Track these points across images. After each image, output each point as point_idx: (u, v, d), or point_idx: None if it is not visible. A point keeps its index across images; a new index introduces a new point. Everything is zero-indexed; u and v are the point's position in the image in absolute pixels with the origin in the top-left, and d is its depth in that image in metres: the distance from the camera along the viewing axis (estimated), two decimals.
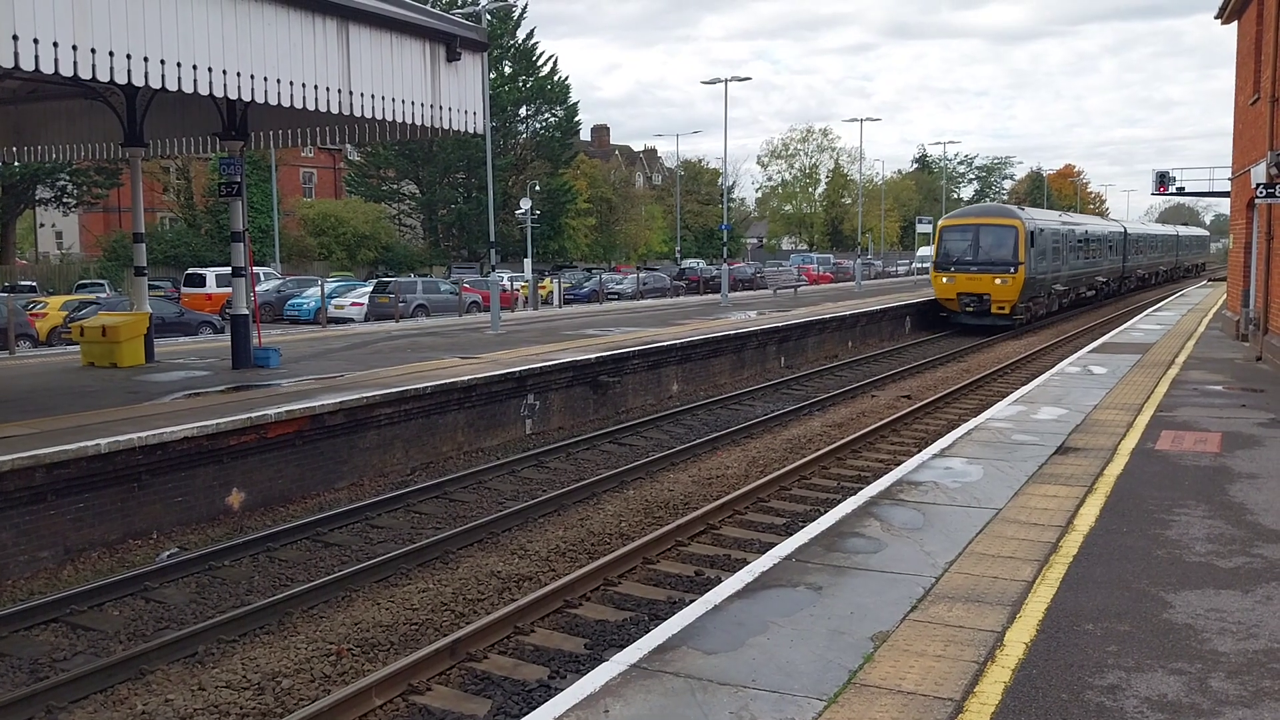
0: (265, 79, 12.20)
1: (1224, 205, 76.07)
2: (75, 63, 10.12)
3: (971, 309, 33.94)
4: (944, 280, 34.53)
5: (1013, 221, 33.88)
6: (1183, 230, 79.91)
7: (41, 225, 65.99)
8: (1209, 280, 66.64)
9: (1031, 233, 33.80)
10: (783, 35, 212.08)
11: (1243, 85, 24.78)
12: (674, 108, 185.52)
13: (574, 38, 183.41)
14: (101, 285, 40.86)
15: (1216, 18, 25.88)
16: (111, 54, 10.46)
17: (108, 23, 10.37)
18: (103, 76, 10.46)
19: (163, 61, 10.98)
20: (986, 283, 33.50)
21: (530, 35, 63.51)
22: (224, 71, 11.69)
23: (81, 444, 10.57)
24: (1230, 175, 28.37)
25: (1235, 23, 25.70)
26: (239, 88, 11.91)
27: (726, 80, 44.73)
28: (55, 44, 9.90)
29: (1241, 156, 24.88)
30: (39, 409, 12.95)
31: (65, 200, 52.15)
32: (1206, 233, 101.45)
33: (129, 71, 10.67)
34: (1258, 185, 18.89)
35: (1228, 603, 6.77)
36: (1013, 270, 33.09)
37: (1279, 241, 19.46)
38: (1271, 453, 11.43)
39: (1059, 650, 6.00)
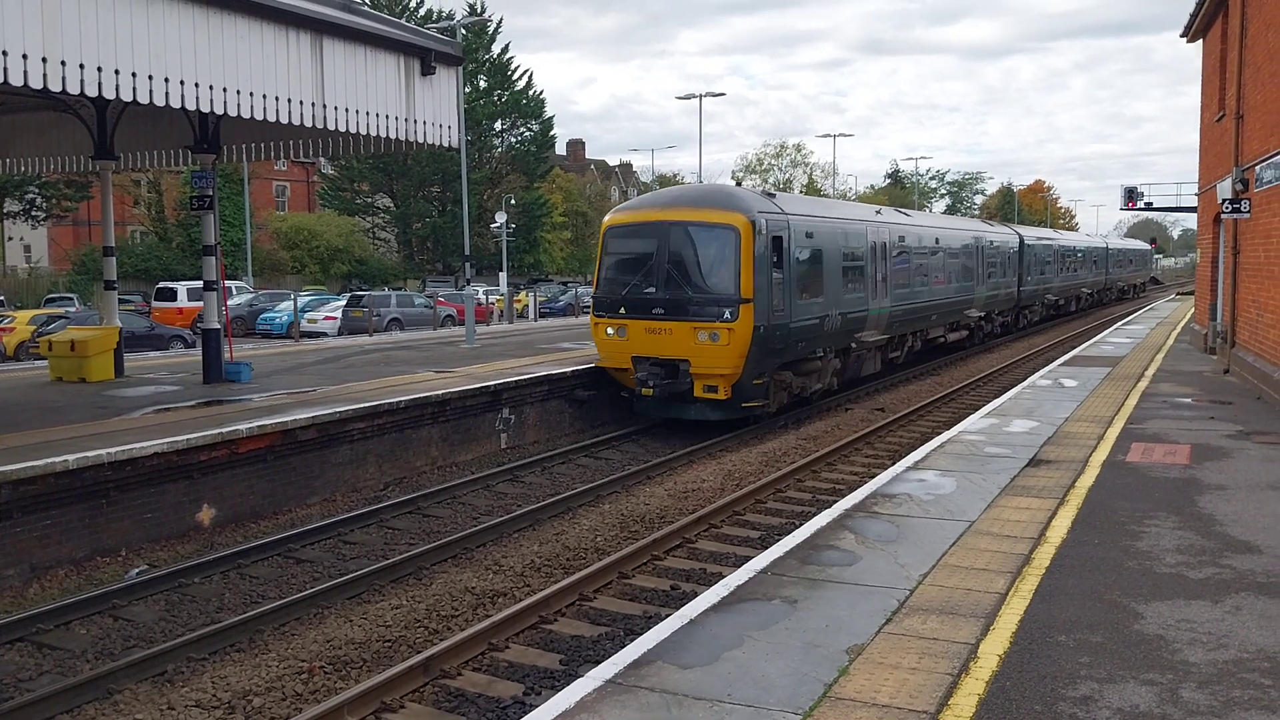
0: (238, 92, 12.15)
1: (1191, 220, 76.72)
2: (45, 75, 10.04)
3: (654, 385, 17.14)
4: (609, 332, 17.79)
5: (729, 217, 17.09)
6: (1115, 242, 65.94)
7: (9, 239, 65.20)
8: (1177, 293, 65.33)
9: (776, 239, 17.52)
10: (758, 51, 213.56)
11: (1208, 102, 25.16)
12: (650, 122, 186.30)
13: (549, 52, 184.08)
14: (70, 299, 40.44)
15: (1182, 36, 26.27)
16: (82, 66, 10.38)
17: (78, 35, 10.29)
18: (73, 89, 10.37)
19: (134, 74, 10.91)
20: (681, 338, 17.02)
21: (505, 49, 63.56)
22: (196, 84, 11.62)
23: (49, 460, 10.44)
24: (1197, 191, 28.77)
25: (1201, 41, 26.10)
26: (211, 101, 11.85)
27: (701, 95, 45.15)
28: (24, 56, 9.82)
29: (1208, 172, 25.24)
30: (5, 425, 12.77)
31: (34, 213, 51.59)
32: (1148, 246, 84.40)
33: (99, 84, 10.60)
34: (1223, 200, 19.18)
35: (1198, 613, 6.83)
36: (728, 315, 16.65)
37: (1245, 256, 19.74)
38: (1240, 464, 11.56)
39: (1032, 662, 6.03)
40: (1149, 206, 58.84)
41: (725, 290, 16.81)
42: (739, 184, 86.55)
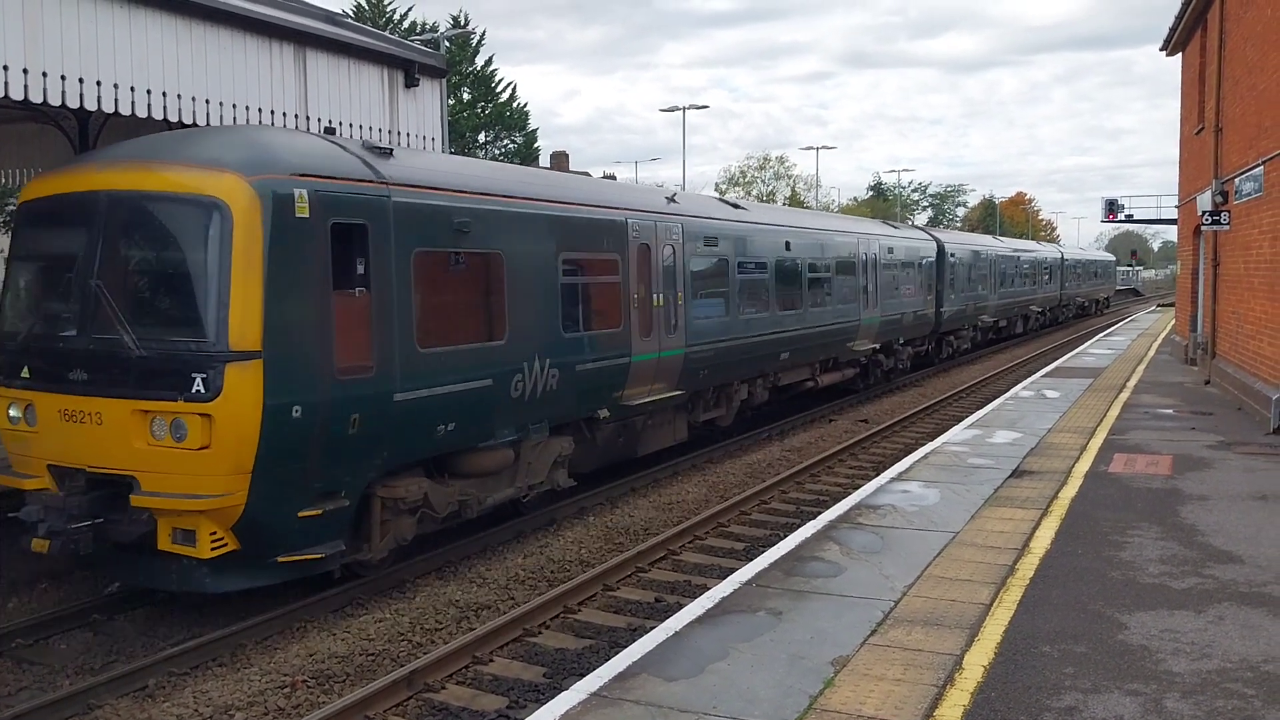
0: (221, 104, 12.12)
1: (1172, 232, 77.17)
2: (26, 86, 9.99)
3: (54, 532, 8.47)
4: (10, 416, 9.15)
5: (205, 182, 8.55)
6: (1073, 252, 58.92)
7: None
8: (1158, 304, 64.75)
9: (351, 232, 9.14)
10: (741, 63, 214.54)
11: (1188, 115, 25.40)
12: (633, 134, 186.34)
13: (533, 64, 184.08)
14: None
15: (1162, 49, 26.54)
16: (63, 78, 10.34)
17: (60, 46, 10.25)
18: (54, 101, 10.32)
19: (115, 86, 10.87)
20: (117, 429, 8.45)
21: (489, 62, 63.57)
22: (178, 96, 11.59)
23: None
24: (1177, 203, 29.02)
25: (1180, 54, 26.38)
26: (194, 113, 11.81)
27: (685, 108, 45.39)
28: (5, 67, 9.77)
29: (1188, 185, 25.47)
30: None
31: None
32: (1112, 257, 77.84)
33: (81, 95, 10.55)
34: (1203, 212, 19.36)
35: (1181, 623, 6.86)
36: (200, 386, 8.23)
37: (1225, 267, 19.91)
38: (1221, 475, 11.64)
39: (1017, 673, 6.04)
40: (1129, 219, 59.22)
41: (195, 332, 8.44)
42: (722, 195, 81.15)
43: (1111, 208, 56.52)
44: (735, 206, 18.26)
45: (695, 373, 15.19)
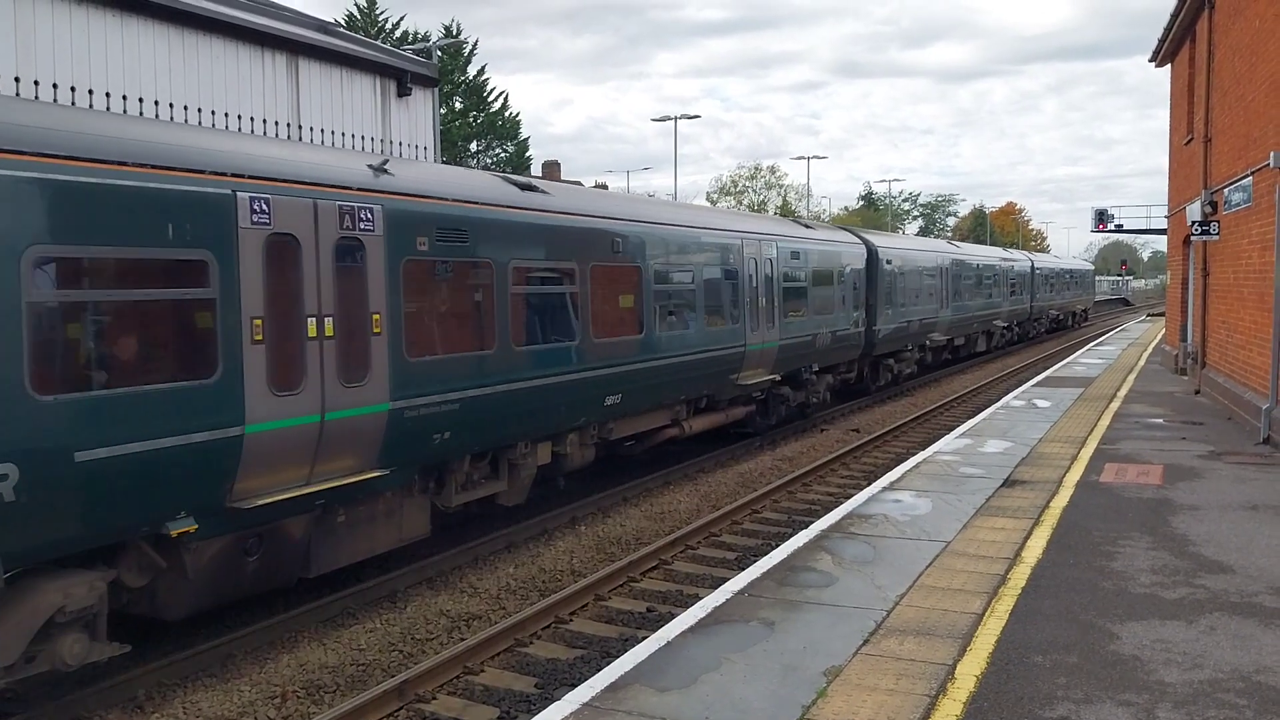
0: (213, 112, 12.12)
1: (1162, 242, 77.61)
2: (18, 95, 9.99)
3: None
4: None
5: None
6: (1045, 260, 51.74)
7: None
8: (1148, 314, 64.87)
9: None
10: (733, 73, 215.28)
11: (1177, 126, 25.54)
12: (625, 144, 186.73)
13: (525, 73, 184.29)
14: None
15: (1151, 60, 26.70)
16: (55, 86, 10.34)
17: (52, 55, 10.25)
18: None
19: (108, 94, 10.87)
20: None
21: (481, 71, 63.66)
22: (171, 104, 11.59)
23: None
24: (1167, 213, 29.16)
25: (1169, 65, 26.53)
26: (186, 121, 11.80)
27: (676, 118, 45.48)
28: None
29: (1177, 195, 25.60)
30: None
31: None
32: (1089, 266, 72.94)
33: (73, 104, 10.54)
34: (1193, 223, 19.44)
35: (1173, 633, 6.87)
36: None
37: (1214, 278, 20.00)
38: (1212, 484, 11.67)
39: (1009, 683, 6.04)
40: (1119, 229, 59.50)
41: None
42: (714, 204, 79.96)
43: (1101, 218, 56.76)
44: (526, 188, 12.11)
45: (421, 438, 9.92)
